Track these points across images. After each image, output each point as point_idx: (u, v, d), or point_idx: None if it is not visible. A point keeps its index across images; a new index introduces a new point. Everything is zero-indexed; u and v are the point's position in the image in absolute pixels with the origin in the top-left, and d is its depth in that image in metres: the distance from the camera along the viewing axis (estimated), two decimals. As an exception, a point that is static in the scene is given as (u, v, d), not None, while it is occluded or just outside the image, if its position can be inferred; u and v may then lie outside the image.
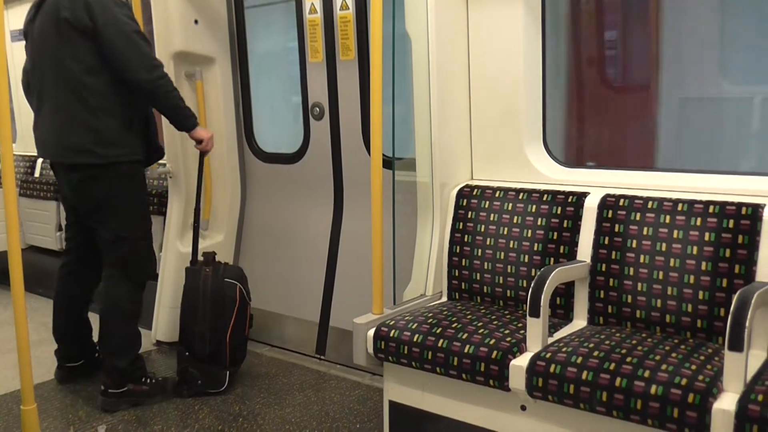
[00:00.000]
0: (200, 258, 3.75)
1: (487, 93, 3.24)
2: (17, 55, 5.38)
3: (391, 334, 2.71)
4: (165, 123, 3.69)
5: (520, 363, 2.42)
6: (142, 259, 3.54)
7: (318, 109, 4.04)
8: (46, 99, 3.38)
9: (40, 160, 5.80)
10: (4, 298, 4.76)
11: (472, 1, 3.21)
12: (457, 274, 3.13)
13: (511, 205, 3.05)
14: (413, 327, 2.70)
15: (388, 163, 3.00)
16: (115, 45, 3.20)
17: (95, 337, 3.67)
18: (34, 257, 5.46)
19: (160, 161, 3.81)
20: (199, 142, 3.67)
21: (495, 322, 2.72)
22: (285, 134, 4.66)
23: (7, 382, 3.74)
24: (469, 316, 2.79)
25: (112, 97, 3.30)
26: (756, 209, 2.50)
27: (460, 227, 3.14)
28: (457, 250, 3.13)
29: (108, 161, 3.31)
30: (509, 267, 2.99)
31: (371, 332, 2.78)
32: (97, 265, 3.59)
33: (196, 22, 4.15)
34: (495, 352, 2.48)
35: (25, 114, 5.87)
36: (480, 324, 2.69)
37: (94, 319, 3.68)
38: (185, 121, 3.54)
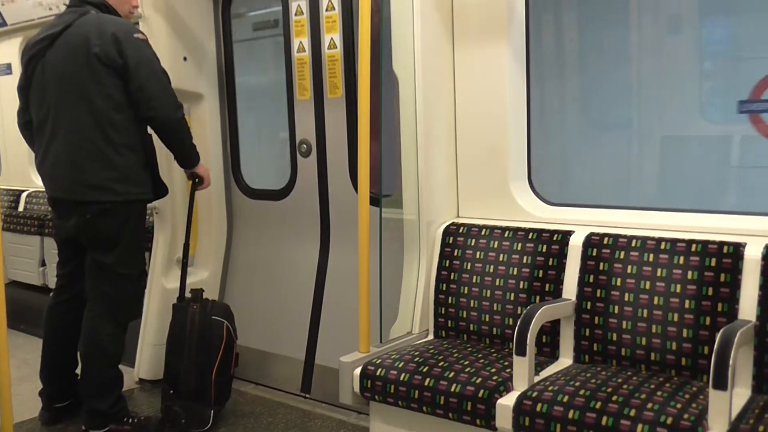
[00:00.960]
0: (188, 295, 3.73)
1: (472, 132, 3.29)
2: (3, 89, 5.42)
3: (378, 373, 2.71)
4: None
5: (506, 402, 2.42)
6: (133, 299, 3.53)
7: (305, 146, 4.07)
8: (62, 134, 3.31)
9: (24, 194, 5.78)
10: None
11: (458, 42, 3.27)
12: (443, 311, 3.14)
13: (497, 242, 3.07)
14: (400, 365, 2.70)
15: (375, 200, 3.02)
16: (147, 84, 3.23)
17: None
18: (16, 293, 5.40)
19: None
20: (199, 178, 3.69)
21: (481, 361, 2.72)
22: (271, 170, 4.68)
23: (-13, 421, 3.68)
24: (455, 355, 2.79)
25: (135, 135, 3.34)
26: (737, 248, 2.54)
27: (447, 265, 3.16)
28: (444, 288, 3.14)
29: (124, 198, 3.31)
30: (495, 305, 3.00)
31: (358, 371, 2.77)
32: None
33: (185, 59, 4.19)
34: (482, 391, 2.48)
35: (10, 148, 5.89)
36: (466, 362, 2.69)
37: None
38: (194, 158, 3.62)
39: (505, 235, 3.07)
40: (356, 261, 2.90)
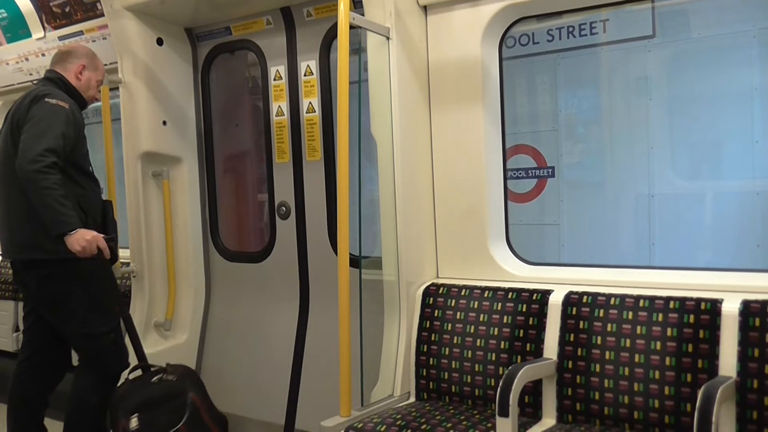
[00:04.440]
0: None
1: (450, 192, 3.33)
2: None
3: (360, 437, 2.66)
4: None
5: (491, 465, 2.38)
6: (109, 354, 3.46)
7: (284, 209, 4.08)
8: (3, 198, 3.42)
9: (-1, 258, 5.71)
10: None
11: (435, 105, 3.33)
12: (424, 373, 3.11)
13: (476, 303, 3.07)
14: (382, 429, 2.66)
15: (354, 261, 3.02)
16: (24, 137, 3.18)
17: None
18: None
19: (123, 260, 3.75)
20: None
21: (464, 423, 2.69)
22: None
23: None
24: (438, 417, 2.76)
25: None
26: (714, 304, 2.56)
27: (427, 326, 3.15)
28: (425, 349, 3.12)
29: (60, 257, 3.22)
30: (477, 365, 2.98)
31: (339, 435, 2.73)
32: (56, 365, 3.51)
33: (164, 123, 4.22)
34: (465, 454, 2.44)
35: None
36: (449, 425, 2.66)
37: (51, 425, 3.54)
38: (55, 224, 3.15)
39: (485, 295, 3.07)
40: (336, 323, 2.88)
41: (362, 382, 3.06)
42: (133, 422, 3.31)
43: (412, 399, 3.14)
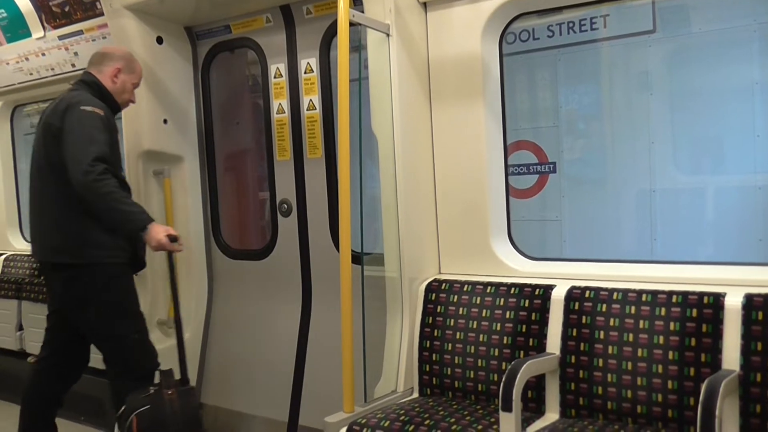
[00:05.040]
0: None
1: (452, 189, 3.33)
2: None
3: (363, 433, 2.67)
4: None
5: (494, 459, 2.39)
6: (135, 354, 3.47)
7: (286, 206, 4.08)
8: (35, 203, 3.48)
9: (2, 257, 5.75)
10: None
11: (436, 101, 3.34)
12: (427, 369, 3.12)
13: (479, 298, 3.07)
14: (385, 425, 2.66)
15: (356, 258, 3.02)
16: (68, 149, 3.21)
17: None
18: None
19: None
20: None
21: (467, 418, 2.70)
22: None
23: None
24: (441, 412, 2.77)
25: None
26: (717, 298, 2.56)
27: (430, 322, 3.15)
28: (428, 345, 3.13)
29: (86, 261, 3.31)
30: (480, 361, 2.99)
31: (343, 430, 2.73)
32: (73, 365, 3.56)
33: (165, 121, 4.23)
34: (469, 449, 2.45)
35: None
36: (453, 420, 2.67)
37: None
38: (126, 224, 3.30)
39: (487, 290, 3.08)
40: (338, 319, 2.88)
41: (365, 378, 3.06)
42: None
43: (416, 395, 3.14)
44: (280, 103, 4.05)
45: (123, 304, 3.47)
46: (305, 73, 3.91)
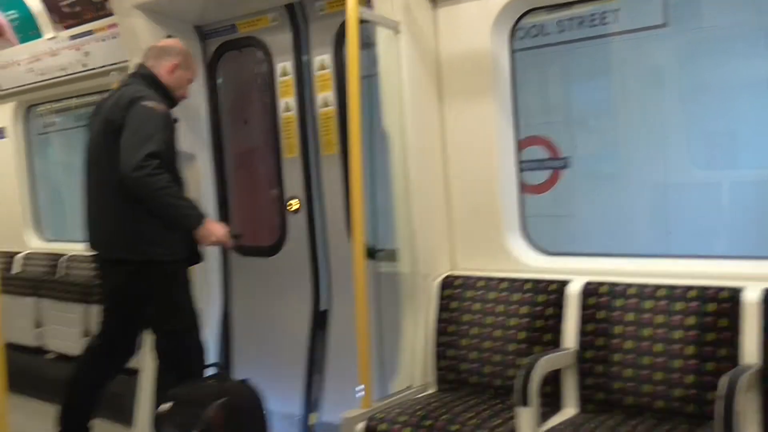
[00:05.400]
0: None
1: (464, 184, 3.33)
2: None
3: (381, 428, 2.67)
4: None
5: (513, 454, 2.39)
6: (191, 353, 3.49)
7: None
8: (93, 197, 3.48)
9: (19, 256, 5.79)
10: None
11: (446, 98, 3.33)
12: (444, 364, 3.12)
13: (494, 294, 3.08)
14: (403, 420, 2.67)
15: (371, 254, 3.02)
16: (123, 143, 3.21)
17: None
18: (10, 355, 5.29)
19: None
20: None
21: (486, 412, 2.70)
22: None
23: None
24: (458, 407, 2.77)
25: None
26: (735, 292, 2.55)
27: (445, 317, 3.16)
28: (444, 341, 3.13)
29: (146, 258, 3.32)
30: (496, 356, 2.99)
31: (360, 426, 2.74)
32: (119, 358, 3.59)
33: (176, 120, 4.22)
34: (487, 444, 2.45)
35: (4, 210, 5.91)
36: (470, 414, 2.67)
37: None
38: (181, 219, 3.38)
39: (502, 286, 3.08)
40: (349, 315, 2.89)
41: (381, 373, 3.07)
42: (166, 407, 3.28)
43: (432, 390, 3.14)
44: (287, 101, 4.06)
45: (179, 299, 3.49)
46: (319, 70, 3.91)
